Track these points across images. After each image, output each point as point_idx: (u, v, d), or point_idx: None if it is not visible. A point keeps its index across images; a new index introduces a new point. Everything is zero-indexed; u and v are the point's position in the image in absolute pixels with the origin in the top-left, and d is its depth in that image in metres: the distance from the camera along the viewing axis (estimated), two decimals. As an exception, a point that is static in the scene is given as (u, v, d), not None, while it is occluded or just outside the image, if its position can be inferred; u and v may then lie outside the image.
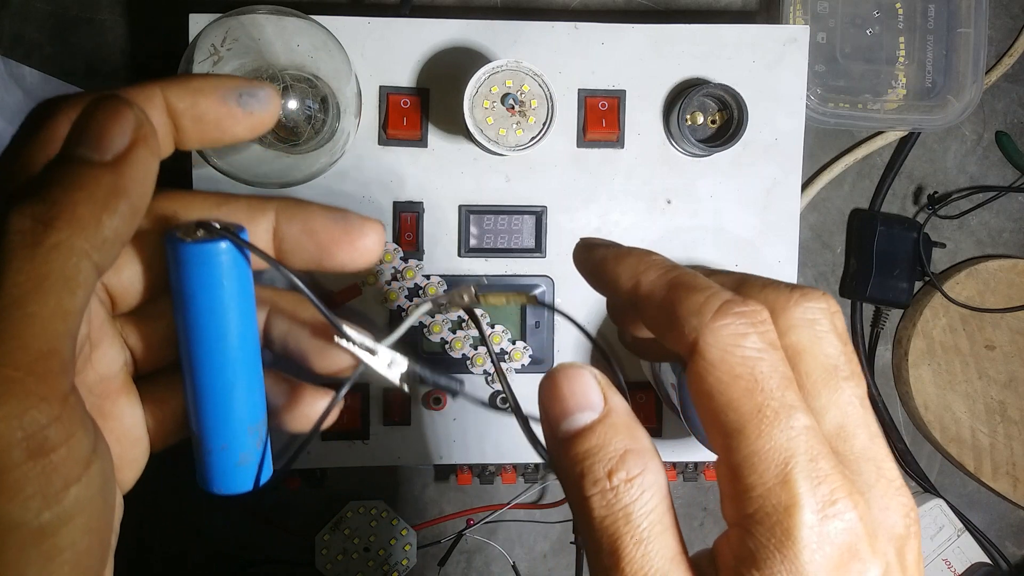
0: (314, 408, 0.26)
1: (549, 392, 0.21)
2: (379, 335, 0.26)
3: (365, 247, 0.25)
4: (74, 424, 0.18)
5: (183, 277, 0.22)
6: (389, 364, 0.25)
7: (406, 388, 0.26)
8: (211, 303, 0.22)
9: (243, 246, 0.22)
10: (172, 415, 0.25)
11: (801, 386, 0.20)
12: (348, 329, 0.25)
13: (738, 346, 0.19)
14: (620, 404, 0.21)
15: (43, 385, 0.17)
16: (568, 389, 0.21)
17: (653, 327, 0.22)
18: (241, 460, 0.24)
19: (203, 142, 0.23)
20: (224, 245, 0.22)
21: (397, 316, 0.54)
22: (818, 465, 0.18)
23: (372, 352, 0.25)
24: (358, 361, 0.25)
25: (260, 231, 0.24)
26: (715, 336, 0.19)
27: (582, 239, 0.26)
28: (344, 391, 0.25)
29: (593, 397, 0.21)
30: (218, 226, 0.22)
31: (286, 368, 0.27)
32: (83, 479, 0.18)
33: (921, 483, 0.67)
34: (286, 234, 0.25)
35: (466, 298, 0.26)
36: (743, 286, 0.22)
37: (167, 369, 0.25)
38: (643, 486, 0.19)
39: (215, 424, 0.23)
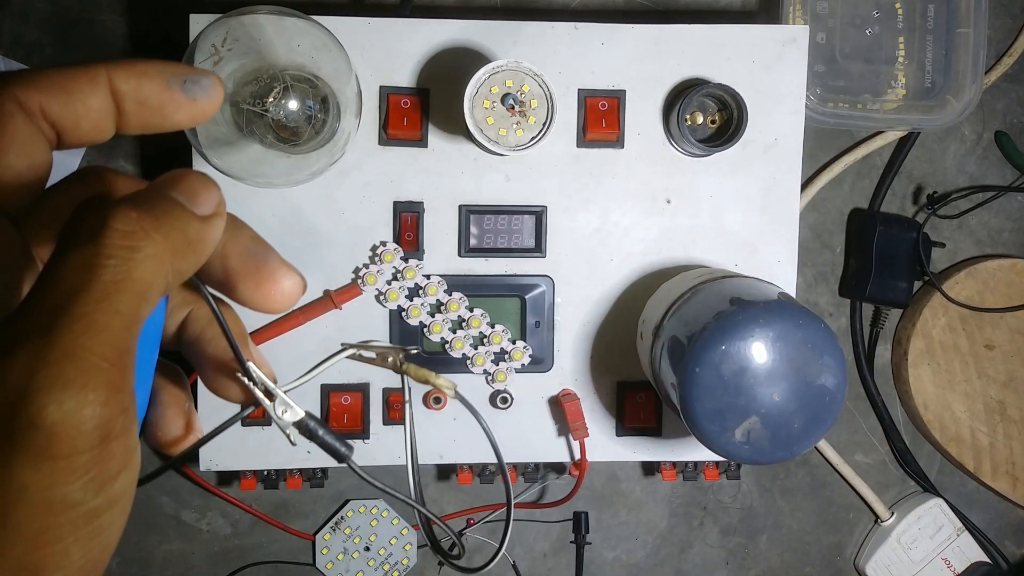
0: (166, 432, 0.26)
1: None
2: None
3: (271, 293, 0.24)
4: (132, 417, 0.19)
5: None
6: (283, 411, 0.25)
7: (292, 439, 0.25)
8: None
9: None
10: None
11: None
12: (252, 367, 0.24)
13: None
14: None
15: (121, 378, 0.18)
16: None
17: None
18: None
19: (144, 127, 0.23)
20: None
21: (397, 316, 0.54)
22: None
23: (270, 396, 0.24)
24: (251, 400, 0.25)
25: None
26: None
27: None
28: (217, 433, 0.25)
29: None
30: None
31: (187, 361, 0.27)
32: (128, 468, 0.19)
33: (921, 482, 0.67)
34: None
35: (390, 360, 0.26)
36: None
37: None
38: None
39: None
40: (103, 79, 0.21)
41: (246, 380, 0.24)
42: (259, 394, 0.24)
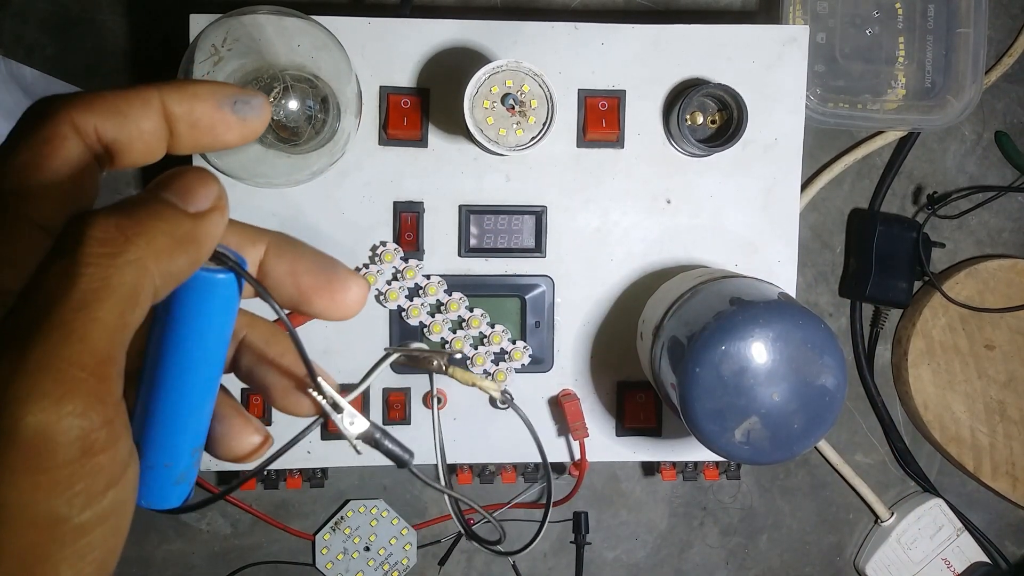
0: (243, 444, 0.26)
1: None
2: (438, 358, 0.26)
3: (344, 301, 0.25)
4: (120, 429, 0.19)
5: (177, 298, 0.22)
6: (351, 422, 0.25)
7: (358, 449, 0.26)
8: (198, 330, 0.22)
9: (247, 279, 0.23)
10: None
11: None
12: (321, 381, 0.25)
13: None
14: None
15: (102, 388, 0.18)
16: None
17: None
18: (179, 479, 0.23)
19: (195, 147, 0.23)
20: (225, 276, 0.22)
21: (397, 316, 0.54)
22: None
23: (338, 408, 0.25)
24: (320, 413, 0.25)
25: (249, 266, 0.25)
26: None
27: None
28: (292, 444, 0.25)
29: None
30: (227, 256, 0.22)
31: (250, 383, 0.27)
32: (120, 482, 0.19)
33: (921, 483, 0.67)
34: (271, 270, 0.25)
35: (435, 364, 0.26)
36: None
37: None
38: None
39: (166, 442, 0.23)
40: (156, 101, 0.22)
41: (316, 395, 0.25)
42: (328, 408, 0.25)
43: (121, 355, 0.19)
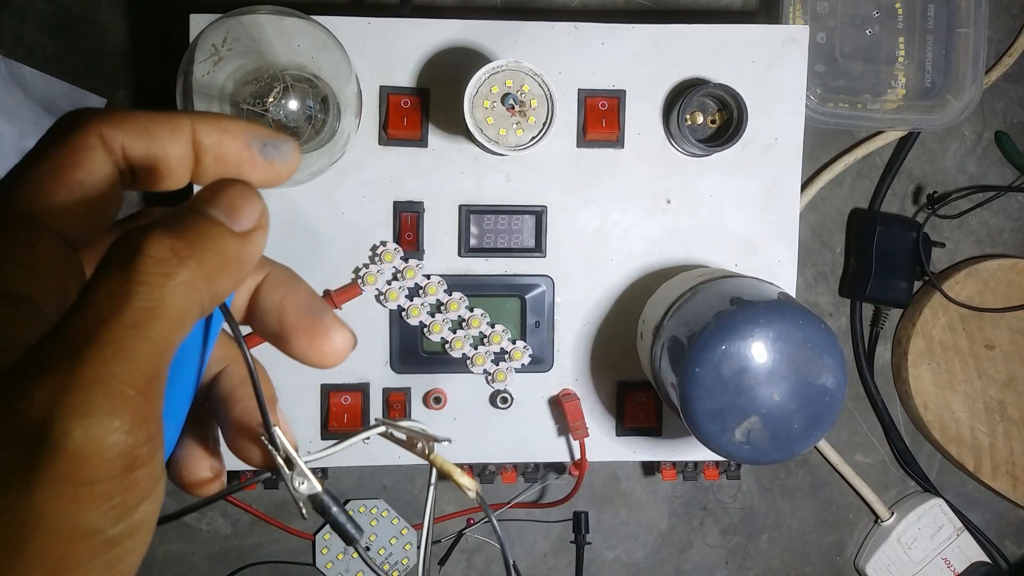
0: (193, 473, 0.26)
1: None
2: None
3: (322, 348, 0.24)
4: (158, 446, 0.19)
5: None
6: (300, 483, 0.24)
7: (304, 513, 0.25)
8: (180, 358, 0.22)
9: (224, 315, 0.22)
10: None
11: None
12: (277, 432, 0.24)
13: None
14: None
15: (147, 406, 0.18)
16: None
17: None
18: None
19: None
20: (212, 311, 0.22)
21: (397, 316, 0.54)
22: None
23: (289, 464, 0.24)
24: (271, 467, 0.24)
25: (244, 291, 0.25)
26: None
27: None
28: (228, 492, 0.25)
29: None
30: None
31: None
32: (151, 496, 0.19)
33: (921, 482, 0.67)
34: (262, 300, 0.25)
35: (419, 447, 0.25)
36: None
37: None
38: None
39: None
40: (187, 129, 0.22)
41: (270, 447, 0.24)
42: (280, 462, 0.24)
43: (165, 374, 0.19)
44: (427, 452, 0.26)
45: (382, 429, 0.26)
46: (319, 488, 0.24)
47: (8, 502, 0.17)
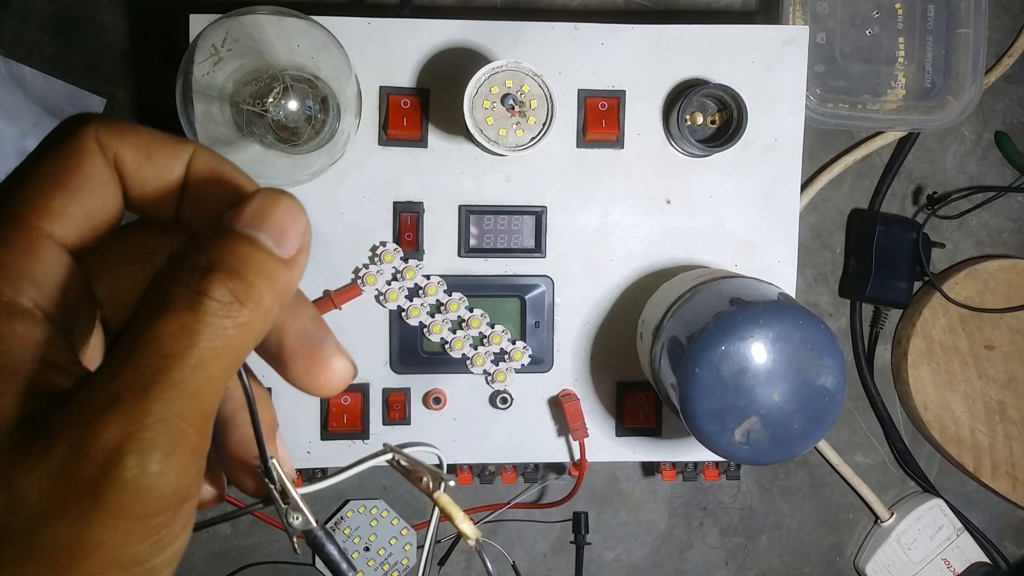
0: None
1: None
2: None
3: (319, 377, 0.24)
4: (202, 478, 0.20)
5: None
6: (295, 518, 0.24)
7: (296, 548, 0.24)
8: None
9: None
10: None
11: None
12: (274, 463, 0.24)
13: None
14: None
15: (201, 443, 0.19)
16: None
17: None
18: None
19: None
20: None
21: (397, 316, 0.54)
22: None
23: (283, 496, 0.24)
24: (264, 497, 0.24)
25: None
26: None
27: None
28: (221, 519, 0.25)
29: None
30: None
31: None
32: (188, 527, 0.20)
33: (921, 483, 0.67)
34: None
35: (424, 482, 0.25)
36: None
37: None
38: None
39: None
40: (186, 156, 0.22)
41: (265, 480, 0.24)
42: (275, 495, 0.24)
43: (216, 410, 0.19)
44: (432, 490, 0.25)
45: (389, 456, 0.26)
46: (313, 524, 0.24)
47: (64, 531, 0.17)
